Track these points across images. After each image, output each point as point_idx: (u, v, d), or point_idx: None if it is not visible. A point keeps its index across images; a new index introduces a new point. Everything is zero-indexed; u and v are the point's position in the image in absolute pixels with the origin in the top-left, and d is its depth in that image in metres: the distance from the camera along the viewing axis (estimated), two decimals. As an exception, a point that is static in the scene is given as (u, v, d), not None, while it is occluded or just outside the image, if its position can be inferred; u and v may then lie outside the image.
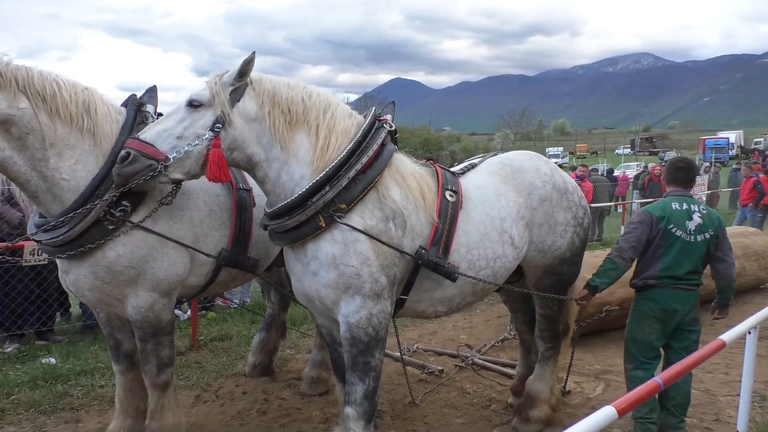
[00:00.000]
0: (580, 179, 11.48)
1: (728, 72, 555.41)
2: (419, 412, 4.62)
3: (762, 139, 61.74)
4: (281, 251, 4.01)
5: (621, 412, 1.98)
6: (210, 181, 3.05)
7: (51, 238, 3.21)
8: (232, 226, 3.67)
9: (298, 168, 3.14)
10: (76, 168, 3.19)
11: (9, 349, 5.93)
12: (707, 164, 23.73)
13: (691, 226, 3.89)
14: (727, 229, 4.25)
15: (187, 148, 2.95)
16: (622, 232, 4.44)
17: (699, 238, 3.90)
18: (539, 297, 4.10)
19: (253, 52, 3.05)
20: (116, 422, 3.81)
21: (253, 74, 3.12)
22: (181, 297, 3.79)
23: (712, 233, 3.93)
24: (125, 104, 3.49)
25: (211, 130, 2.97)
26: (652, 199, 12.77)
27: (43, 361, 5.57)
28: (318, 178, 3.07)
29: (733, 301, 4.24)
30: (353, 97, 56.01)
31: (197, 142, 2.96)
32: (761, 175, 14.86)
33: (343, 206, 3.06)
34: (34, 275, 5.98)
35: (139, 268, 3.32)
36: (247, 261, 3.74)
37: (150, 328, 3.47)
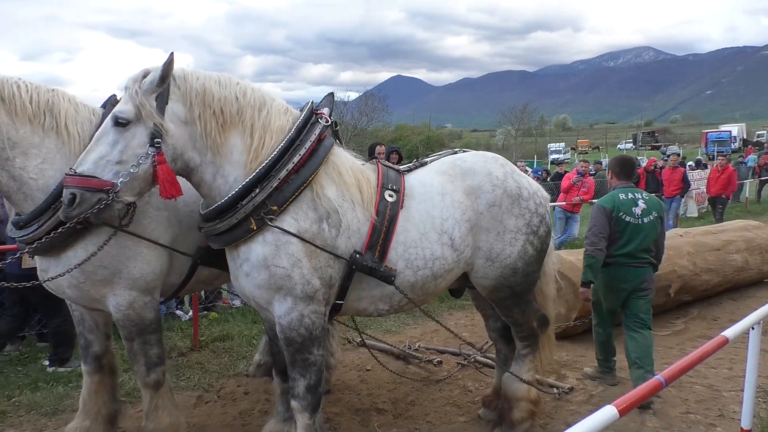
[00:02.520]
0: (581, 176, 11.39)
1: (730, 64, 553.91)
2: (421, 411, 4.60)
3: (765, 132, 61.47)
4: None
5: (622, 412, 1.96)
6: (165, 199, 2.94)
7: (22, 236, 3.25)
8: None
9: (232, 171, 3.04)
10: (43, 167, 3.20)
11: (10, 351, 5.93)
12: (690, 163, 23.48)
13: (638, 211, 4.75)
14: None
15: (132, 171, 2.81)
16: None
17: (646, 219, 4.74)
18: (498, 308, 3.96)
19: (172, 53, 2.84)
20: (75, 423, 3.82)
21: (177, 70, 2.92)
22: (162, 294, 3.76)
23: (656, 215, 4.79)
24: (105, 105, 3.47)
25: (152, 146, 2.82)
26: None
27: (44, 362, 5.57)
28: (248, 179, 2.98)
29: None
30: (354, 96, 56.01)
31: (141, 162, 2.81)
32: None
33: (275, 208, 2.99)
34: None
35: (112, 267, 3.32)
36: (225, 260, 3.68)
37: (134, 327, 3.47)
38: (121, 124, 2.83)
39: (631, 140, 78.76)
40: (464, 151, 4.09)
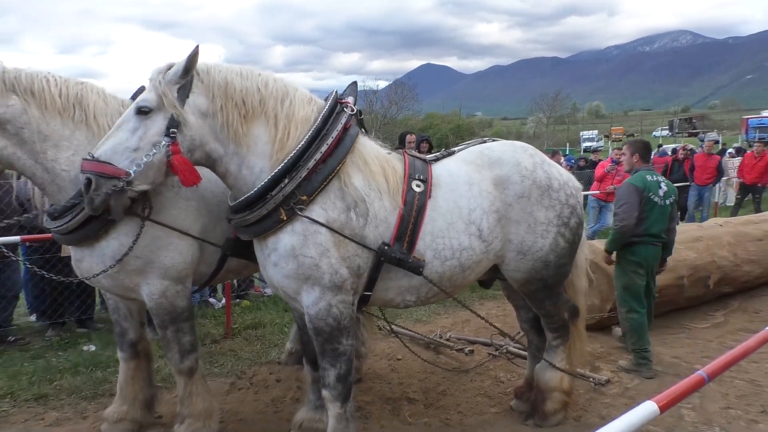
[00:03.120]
0: (615, 164, 11.14)
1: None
2: (452, 401, 4.58)
3: (809, 118, 59.22)
4: None
5: (663, 408, 1.90)
6: (186, 187, 3.00)
7: (57, 227, 3.33)
8: None
9: (258, 161, 3.05)
10: (74, 159, 3.25)
11: (51, 336, 6.11)
12: (730, 150, 22.68)
13: (661, 193, 5.06)
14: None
15: (146, 160, 2.84)
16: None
17: (667, 201, 5.07)
18: (530, 300, 3.94)
19: (197, 46, 2.87)
20: (113, 408, 3.94)
21: (200, 65, 2.96)
22: (194, 283, 3.83)
23: (673, 198, 5.13)
24: (134, 96, 3.49)
25: (167, 135, 2.85)
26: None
27: (84, 348, 5.72)
28: (276, 170, 2.98)
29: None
30: (383, 84, 55.85)
31: (155, 150, 2.85)
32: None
33: (304, 198, 2.99)
34: (74, 265, 6.12)
35: (144, 257, 3.38)
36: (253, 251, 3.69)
37: (166, 315, 3.55)
38: (143, 112, 2.88)
39: (668, 127, 76.83)
40: (493, 140, 4.02)
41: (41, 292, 6.18)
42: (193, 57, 2.85)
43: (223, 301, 6.81)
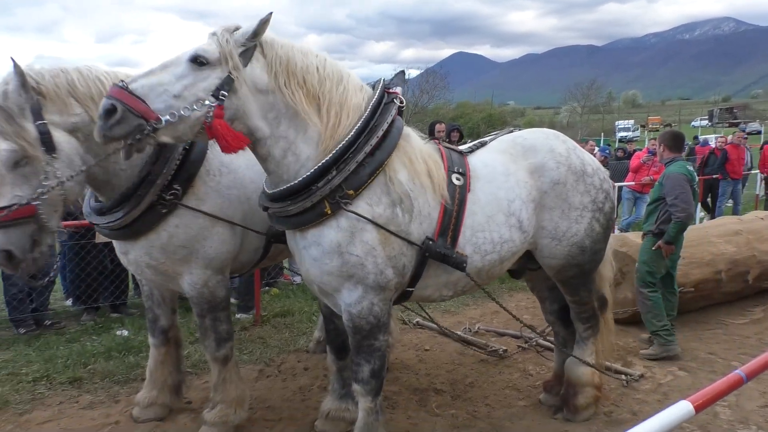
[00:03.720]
0: (652, 154, 10.85)
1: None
2: (480, 393, 4.53)
3: None
4: None
5: (698, 408, 1.83)
6: (225, 153, 2.78)
7: (108, 222, 3.32)
8: None
9: (305, 148, 2.87)
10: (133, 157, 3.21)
11: (86, 321, 6.26)
12: None
13: (695, 182, 5.37)
14: None
15: (183, 112, 2.55)
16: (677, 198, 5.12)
17: (697, 189, 5.49)
18: (564, 287, 3.87)
19: (271, 12, 2.68)
20: (144, 393, 4.03)
21: (266, 35, 2.74)
22: (234, 272, 3.87)
23: (696, 184, 5.43)
24: None
25: (215, 96, 2.59)
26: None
27: (117, 333, 5.84)
28: (324, 160, 2.81)
29: None
30: (415, 73, 55.54)
31: (197, 107, 2.57)
32: None
33: (351, 192, 2.84)
34: (108, 251, 6.24)
35: (190, 247, 3.39)
36: None
37: (206, 304, 3.57)
38: (198, 62, 2.62)
39: (707, 117, 74.67)
40: (511, 131, 3.94)
41: (77, 277, 6.33)
42: (264, 23, 2.65)
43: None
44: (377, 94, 3.02)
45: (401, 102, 3.10)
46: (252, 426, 3.98)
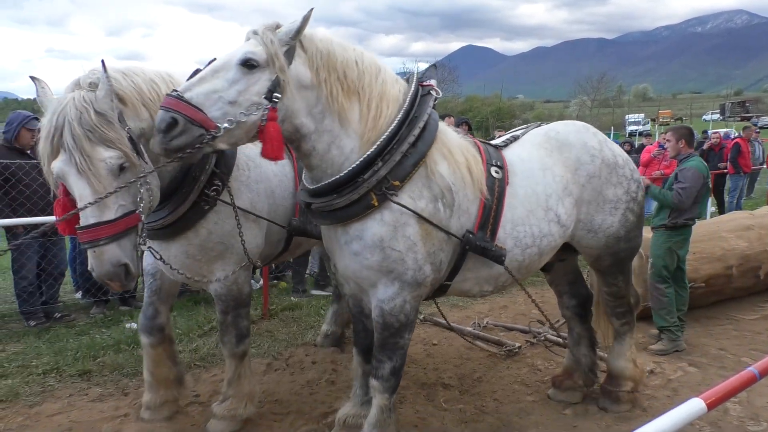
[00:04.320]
0: (663, 148, 10.76)
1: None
2: (488, 388, 4.52)
3: None
4: None
5: (710, 405, 1.81)
6: (264, 157, 2.70)
7: (150, 222, 3.21)
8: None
9: (349, 141, 2.84)
10: None
11: (95, 314, 6.31)
12: None
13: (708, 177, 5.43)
14: None
15: (240, 118, 2.52)
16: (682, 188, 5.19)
17: (709, 184, 5.34)
18: (602, 276, 3.95)
19: (312, 9, 2.63)
20: (149, 394, 3.89)
21: (306, 31, 2.70)
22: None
23: (709, 180, 5.65)
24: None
25: (268, 98, 2.56)
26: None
27: (126, 326, 5.87)
28: (370, 151, 2.79)
29: None
30: (424, 66, 55.38)
31: (253, 111, 2.54)
32: None
33: (396, 183, 2.82)
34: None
35: (227, 242, 3.40)
36: (315, 229, 3.59)
37: (233, 301, 3.57)
38: (249, 65, 2.57)
39: (719, 111, 73.99)
40: (539, 125, 3.93)
41: (87, 270, 6.34)
42: (306, 20, 2.61)
43: (261, 282, 6.89)
44: (413, 85, 3.01)
45: (438, 93, 3.09)
46: (260, 420, 3.98)
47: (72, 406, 4.20)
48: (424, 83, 3.10)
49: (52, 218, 4.98)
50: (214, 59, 2.98)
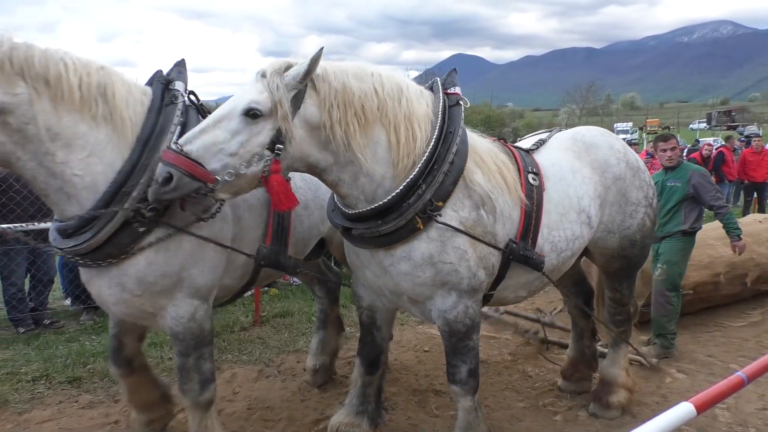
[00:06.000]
0: (651, 157, 10.88)
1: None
2: (479, 394, 4.47)
3: None
4: (318, 243, 3.90)
5: (699, 409, 1.84)
6: (276, 210, 2.62)
7: (73, 246, 2.72)
8: (269, 220, 3.28)
9: (378, 168, 2.76)
10: (90, 161, 2.67)
11: (85, 321, 6.25)
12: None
13: None
14: None
15: (240, 170, 2.48)
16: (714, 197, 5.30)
17: None
18: (609, 279, 4.02)
19: (322, 48, 2.49)
20: (136, 415, 3.64)
21: (318, 68, 2.59)
22: (218, 299, 3.37)
23: None
24: (150, 82, 3.02)
25: (270, 149, 2.50)
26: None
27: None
28: (411, 176, 2.73)
29: None
30: (415, 74, 55.61)
31: (254, 163, 2.49)
32: None
33: (440, 204, 2.80)
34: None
35: (175, 276, 2.87)
36: (288, 261, 3.32)
37: (193, 340, 3.04)
38: (252, 115, 2.49)
39: (705, 120, 74.82)
40: (559, 130, 4.01)
41: (76, 277, 6.31)
42: (316, 60, 2.50)
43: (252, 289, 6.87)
44: (440, 98, 2.94)
45: (466, 103, 3.05)
46: (251, 426, 3.98)
47: (62, 413, 4.17)
48: (449, 91, 3.03)
49: (42, 225, 4.97)
50: (159, 71, 2.99)
